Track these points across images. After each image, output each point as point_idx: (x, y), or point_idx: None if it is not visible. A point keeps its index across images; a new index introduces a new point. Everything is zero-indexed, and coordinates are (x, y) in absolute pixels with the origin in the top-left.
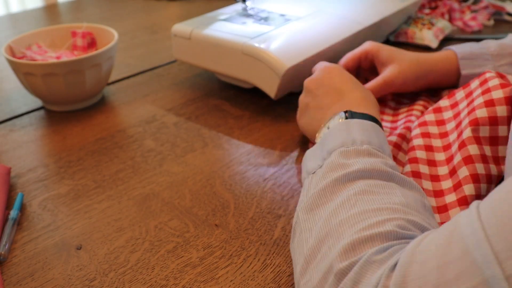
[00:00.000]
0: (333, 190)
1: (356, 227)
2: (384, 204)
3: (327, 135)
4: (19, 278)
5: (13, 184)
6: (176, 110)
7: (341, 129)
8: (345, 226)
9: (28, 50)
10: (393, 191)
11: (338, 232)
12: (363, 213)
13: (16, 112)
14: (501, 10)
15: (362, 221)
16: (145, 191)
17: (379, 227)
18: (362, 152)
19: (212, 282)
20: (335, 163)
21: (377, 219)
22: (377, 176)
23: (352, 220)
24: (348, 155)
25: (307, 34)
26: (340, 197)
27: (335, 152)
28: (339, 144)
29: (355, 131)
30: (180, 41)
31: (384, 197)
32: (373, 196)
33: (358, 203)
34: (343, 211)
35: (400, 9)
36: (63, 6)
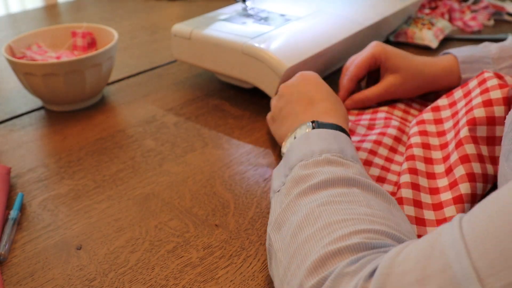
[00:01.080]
0: (295, 204)
1: (322, 242)
2: (348, 215)
3: (288, 150)
4: (19, 278)
5: (13, 184)
6: (176, 110)
7: (301, 143)
8: (311, 242)
9: (28, 50)
10: (356, 198)
11: (305, 249)
12: (328, 226)
13: (16, 112)
14: (501, 10)
15: (328, 235)
16: (145, 191)
17: (346, 240)
18: (321, 162)
19: (212, 282)
20: (296, 178)
21: (342, 232)
22: (339, 183)
23: (317, 235)
24: (307, 167)
25: (307, 34)
26: (303, 209)
27: (296, 167)
28: (299, 157)
29: (313, 143)
30: (180, 41)
31: (347, 207)
32: (336, 205)
33: (322, 216)
34: (307, 226)
35: (400, 9)
36: (63, 6)
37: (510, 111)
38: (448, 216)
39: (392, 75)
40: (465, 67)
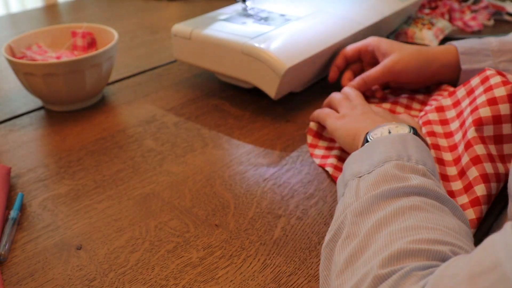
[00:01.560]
0: (387, 200)
1: (405, 238)
2: (438, 225)
3: (378, 142)
4: (19, 278)
5: (13, 184)
6: (176, 110)
7: (397, 141)
8: (394, 236)
9: (28, 50)
10: (446, 214)
11: (386, 240)
12: (416, 228)
13: (16, 112)
14: (501, 10)
15: (414, 235)
16: (145, 191)
17: (430, 245)
18: (418, 171)
19: (212, 282)
20: (390, 174)
21: (429, 236)
22: (432, 196)
23: (403, 233)
24: (404, 169)
25: (307, 34)
26: (393, 208)
27: (390, 163)
28: (395, 156)
29: (411, 148)
30: (180, 41)
31: (438, 218)
32: (427, 214)
33: (412, 218)
34: (395, 222)
35: (400, 9)
36: (63, 6)
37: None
38: None
39: (390, 55)
40: (465, 58)
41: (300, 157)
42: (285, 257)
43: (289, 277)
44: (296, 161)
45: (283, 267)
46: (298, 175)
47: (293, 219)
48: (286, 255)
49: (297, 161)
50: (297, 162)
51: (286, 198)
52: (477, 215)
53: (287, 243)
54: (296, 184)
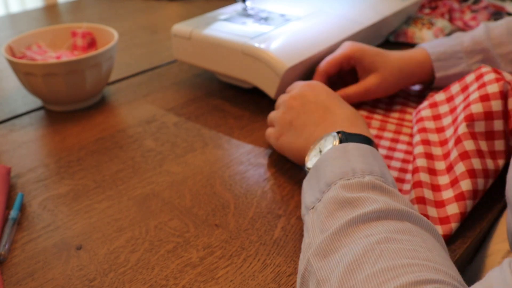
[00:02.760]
0: (347, 233)
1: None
2: (412, 259)
3: (322, 163)
4: (19, 278)
5: (13, 184)
6: (176, 110)
7: (338, 157)
8: (373, 283)
9: (28, 50)
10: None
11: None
12: (392, 270)
13: (16, 112)
14: (501, 10)
15: (393, 279)
16: (145, 191)
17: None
18: (365, 185)
19: (212, 282)
20: (340, 199)
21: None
22: (391, 216)
23: (380, 277)
24: (351, 188)
25: (307, 34)
26: (359, 245)
27: (336, 186)
28: (339, 175)
29: (354, 159)
30: (180, 41)
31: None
32: (397, 245)
33: (384, 256)
34: (367, 264)
35: (400, 9)
36: (63, 6)
37: None
38: (450, 213)
39: (371, 75)
40: (439, 65)
41: None
42: (285, 257)
43: (289, 277)
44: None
45: (283, 267)
46: (298, 175)
47: (293, 219)
48: (286, 255)
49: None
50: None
51: (286, 198)
52: (461, 210)
53: (287, 243)
54: (296, 184)
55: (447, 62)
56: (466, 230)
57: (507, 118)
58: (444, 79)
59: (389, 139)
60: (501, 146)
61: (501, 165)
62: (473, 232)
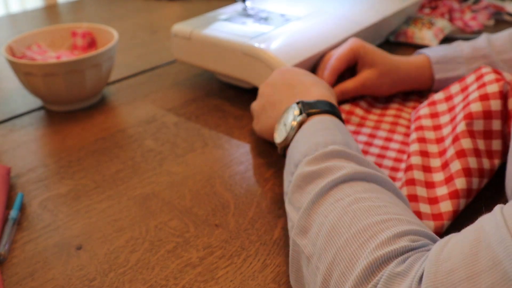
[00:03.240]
0: (319, 204)
1: (368, 246)
2: (385, 215)
3: (291, 148)
4: (19, 278)
5: (13, 184)
6: (176, 110)
7: (302, 136)
8: (353, 245)
9: (28, 50)
10: (382, 195)
11: (347, 253)
12: (368, 228)
13: (16, 112)
14: (501, 10)
15: (371, 238)
16: (145, 191)
17: (393, 244)
18: (329, 154)
19: (212, 282)
20: (306, 174)
21: (387, 235)
22: (357, 178)
23: (359, 238)
24: (315, 161)
25: (307, 34)
26: (332, 211)
27: (301, 163)
28: (303, 153)
29: (316, 133)
30: (180, 41)
31: (379, 204)
32: (368, 203)
33: (357, 216)
34: (343, 228)
35: (400, 9)
36: (63, 6)
37: None
38: (443, 211)
39: (369, 70)
40: (439, 68)
41: None
42: (285, 257)
43: (289, 277)
44: None
45: (283, 267)
46: None
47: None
48: (286, 255)
49: None
50: None
51: None
52: (454, 208)
53: (287, 243)
54: None
55: (447, 65)
56: None
57: (506, 119)
58: (444, 81)
59: (383, 138)
60: (498, 146)
61: (497, 165)
62: None
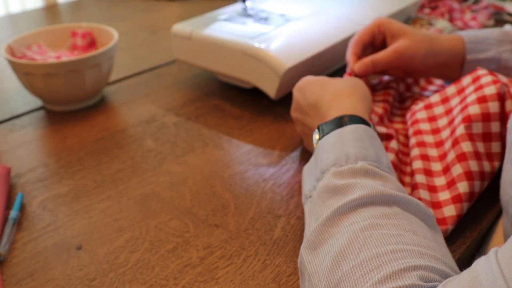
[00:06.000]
0: (334, 224)
1: (371, 278)
2: (396, 244)
3: (319, 149)
4: (19, 278)
5: (13, 184)
6: (176, 110)
7: (333, 142)
8: (357, 274)
9: (28, 50)
10: (400, 222)
11: (351, 282)
12: (376, 258)
13: (16, 112)
14: (501, 10)
15: (376, 269)
16: (145, 191)
17: (397, 280)
18: (357, 172)
19: (212, 282)
20: (331, 187)
21: (393, 268)
22: (379, 201)
23: (364, 268)
24: (342, 175)
25: (307, 34)
26: (344, 234)
27: (328, 173)
28: (332, 161)
29: (348, 144)
30: (180, 41)
31: (394, 232)
32: (381, 230)
33: (368, 243)
34: (351, 254)
35: (400, 9)
36: (63, 6)
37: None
38: (447, 215)
39: (399, 39)
40: (471, 47)
41: (301, 157)
42: (285, 257)
43: (289, 277)
44: (296, 161)
45: (283, 267)
46: (298, 175)
47: (293, 219)
48: (286, 255)
49: (297, 161)
50: (297, 162)
51: (286, 198)
52: (458, 212)
53: (287, 243)
54: (296, 184)
55: (479, 45)
56: (466, 230)
57: (504, 120)
58: (474, 63)
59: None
60: (498, 148)
61: (497, 167)
62: (473, 232)
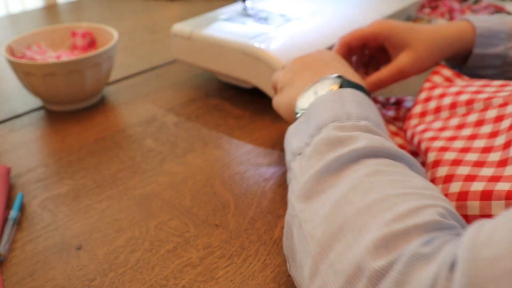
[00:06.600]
0: (334, 173)
1: (383, 217)
2: (408, 188)
3: (313, 106)
4: (19, 278)
5: (13, 184)
6: (176, 110)
7: (332, 100)
8: (366, 215)
9: (28, 50)
10: (408, 171)
11: (358, 223)
12: (385, 200)
13: (16, 112)
14: (501, 10)
15: (388, 209)
16: (145, 191)
17: (413, 217)
18: (360, 128)
19: (212, 282)
20: (331, 139)
21: (406, 207)
22: (384, 154)
23: (374, 209)
24: (344, 129)
25: (307, 34)
26: (347, 181)
27: (327, 127)
28: (331, 117)
29: (349, 104)
30: (180, 41)
31: (402, 178)
32: (389, 176)
33: (375, 187)
34: (357, 197)
35: (400, 9)
36: (63, 6)
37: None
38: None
39: (403, 53)
40: (480, 41)
41: None
42: (285, 257)
43: (289, 277)
44: None
45: (283, 267)
46: None
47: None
48: None
49: None
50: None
51: (286, 198)
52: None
53: None
54: None
55: (489, 40)
56: None
57: None
58: (480, 58)
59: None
60: None
61: None
62: None
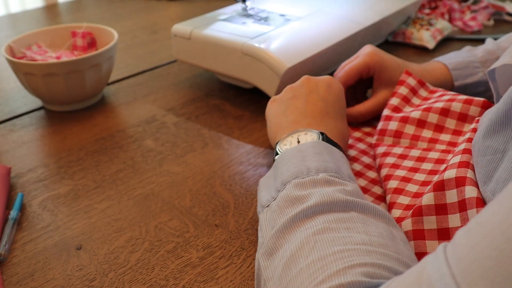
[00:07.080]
0: (290, 230)
1: (316, 278)
2: (344, 245)
3: (279, 162)
4: (19, 278)
5: (13, 184)
6: (176, 110)
7: (294, 156)
8: (303, 276)
9: (28, 50)
10: (354, 225)
11: (298, 284)
12: (322, 259)
13: (16, 112)
14: (501, 10)
15: (321, 269)
16: (145, 191)
17: (339, 278)
18: (318, 182)
19: (212, 282)
20: (290, 197)
21: (336, 267)
22: (336, 208)
23: (310, 269)
24: (303, 186)
25: (307, 34)
26: (298, 238)
27: (290, 184)
28: (293, 174)
29: (309, 157)
30: (180, 41)
31: (344, 235)
32: (333, 233)
33: (317, 246)
34: (302, 257)
35: (400, 9)
36: (63, 6)
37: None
38: None
39: (386, 90)
40: (456, 74)
41: None
42: None
43: None
44: None
45: None
46: None
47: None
48: None
49: None
50: None
51: None
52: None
53: None
54: None
55: (465, 71)
56: None
57: None
58: (462, 88)
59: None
60: None
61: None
62: None
